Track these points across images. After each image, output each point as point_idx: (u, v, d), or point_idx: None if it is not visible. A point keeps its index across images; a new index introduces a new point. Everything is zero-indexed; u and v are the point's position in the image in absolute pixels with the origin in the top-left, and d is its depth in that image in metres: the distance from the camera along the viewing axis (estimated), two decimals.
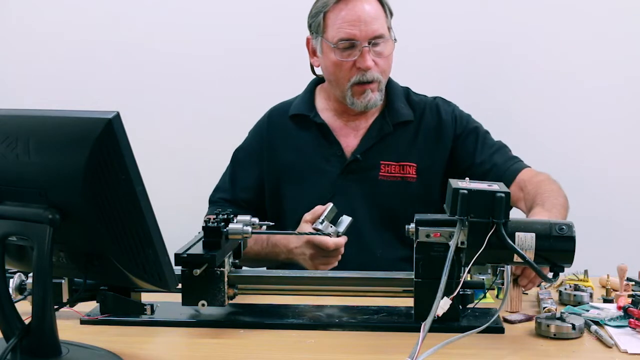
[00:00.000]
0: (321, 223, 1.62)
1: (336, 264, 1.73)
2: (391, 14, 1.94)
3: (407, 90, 2.05)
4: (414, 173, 1.94)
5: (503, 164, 1.93)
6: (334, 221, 1.61)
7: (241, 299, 1.49)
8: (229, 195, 2.03)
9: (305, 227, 1.70)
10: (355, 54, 1.87)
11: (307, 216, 1.73)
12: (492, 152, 1.95)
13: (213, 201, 2.04)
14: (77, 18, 2.71)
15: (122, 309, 1.43)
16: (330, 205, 1.65)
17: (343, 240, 1.69)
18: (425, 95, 2.06)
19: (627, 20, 2.55)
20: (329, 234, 1.60)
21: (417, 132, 1.98)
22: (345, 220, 1.60)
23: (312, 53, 1.99)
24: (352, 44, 1.86)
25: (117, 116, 1.07)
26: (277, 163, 2.00)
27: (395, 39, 1.91)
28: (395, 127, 1.97)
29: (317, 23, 1.91)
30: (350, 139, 1.98)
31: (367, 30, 1.85)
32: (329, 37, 1.89)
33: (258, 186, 2.02)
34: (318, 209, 1.71)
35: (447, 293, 1.22)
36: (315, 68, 2.03)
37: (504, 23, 2.59)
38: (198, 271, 1.37)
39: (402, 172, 1.94)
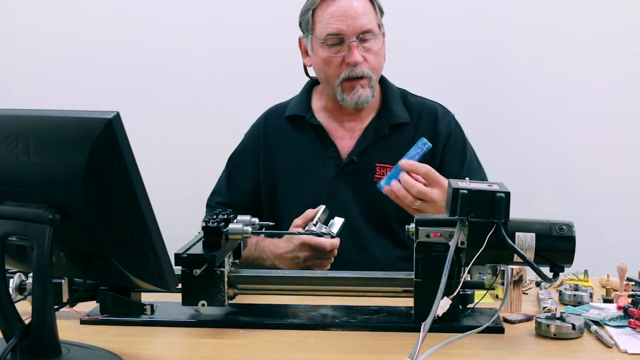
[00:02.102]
0: (314, 225, 1.62)
1: (329, 266, 1.72)
2: (381, 11, 1.94)
3: (404, 92, 2.04)
4: None
5: None
6: (327, 223, 1.62)
7: (241, 299, 1.49)
8: (226, 199, 2.03)
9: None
10: (343, 50, 1.87)
11: (298, 221, 1.73)
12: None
13: (210, 205, 2.04)
14: (77, 18, 2.71)
15: (122, 309, 1.43)
16: (322, 207, 1.66)
17: (338, 241, 1.69)
18: (424, 98, 2.04)
19: (627, 21, 2.55)
20: (324, 235, 1.60)
21: (414, 135, 1.95)
22: (338, 221, 1.60)
23: (305, 53, 1.99)
24: (340, 39, 1.87)
25: (117, 116, 1.08)
26: (273, 164, 2.00)
27: (383, 34, 1.91)
28: (391, 129, 1.96)
29: (306, 21, 1.93)
30: (345, 141, 1.97)
31: (354, 25, 1.86)
32: (318, 33, 1.89)
33: (254, 188, 2.01)
34: (309, 212, 1.71)
35: (447, 293, 1.22)
36: (308, 68, 2.03)
37: (503, 23, 2.59)
38: (198, 271, 1.37)
39: None
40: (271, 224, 1.59)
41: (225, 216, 1.48)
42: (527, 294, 1.59)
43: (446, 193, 1.59)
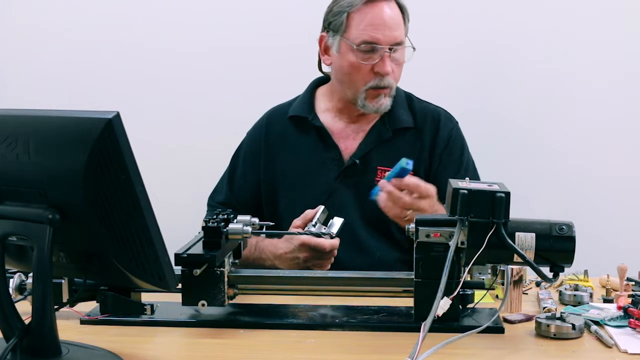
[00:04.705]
0: (314, 225, 1.62)
1: (329, 266, 1.72)
2: (409, 20, 1.93)
3: (409, 96, 2.03)
4: None
5: None
6: (326, 223, 1.62)
7: (241, 299, 1.49)
8: (226, 198, 2.02)
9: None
10: (375, 58, 1.85)
11: (297, 221, 1.73)
12: None
13: (211, 205, 2.04)
14: (77, 18, 2.71)
15: (122, 309, 1.43)
16: (321, 207, 1.66)
17: (337, 241, 1.69)
18: (429, 103, 2.04)
19: (627, 21, 2.55)
20: (324, 235, 1.60)
21: (416, 139, 1.96)
22: (337, 221, 1.60)
23: (324, 51, 1.97)
24: (373, 48, 1.85)
25: (117, 116, 1.08)
26: (274, 165, 1.99)
27: (414, 48, 1.91)
28: (394, 132, 1.95)
29: (339, 22, 1.89)
30: (349, 142, 1.97)
31: (390, 35, 1.85)
32: (352, 37, 1.87)
33: (255, 187, 2.01)
34: (308, 213, 1.71)
35: (447, 293, 1.22)
36: (324, 66, 2.02)
37: (502, 24, 2.59)
38: (198, 271, 1.37)
39: None
40: (271, 224, 1.59)
41: (225, 216, 1.48)
42: (527, 294, 1.59)
43: (433, 202, 1.65)
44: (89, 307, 1.46)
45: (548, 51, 2.58)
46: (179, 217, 2.18)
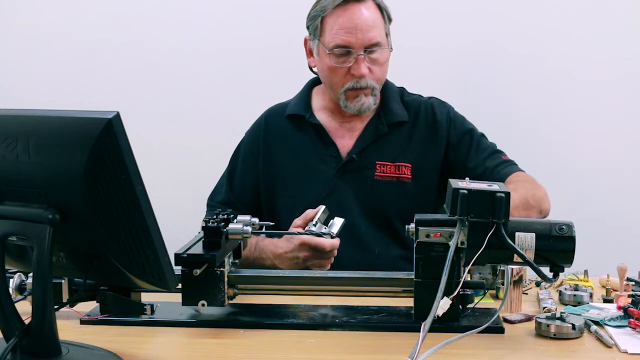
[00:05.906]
0: (314, 225, 1.62)
1: (329, 266, 1.73)
2: (390, 19, 1.94)
3: (401, 90, 2.05)
4: (409, 173, 1.94)
5: (494, 168, 1.92)
6: (327, 223, 1.62)
7: (241, 299, 1.49)
8: (226, 198, 2.03)
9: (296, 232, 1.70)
10: (350, 61, 1.87)
11: (298, 221, 1.73)
12: (485, 157, 1.95)
13: (210, 205, 2.04)
14: (78, 18, 2.71)
15: (122, 309, 1.43)
16: (322, 207, 1.66)
17: (338, 241, 1.69)
18: (420, 95, 2.06)
19: (629, 21, 2.55)
20: (324, 235, 1.60)
21: (412, 132, 1.98)
22: (338, 221, 1.60)
23: (309, 53, 1.99)
24: (347, 51, 1.87)
25: (117, 116, 1.08)
26: (273, 164, 2.00)
27: (391, 48, 1.92)
28: (390, 127, 1.97)
29: (314, 26, 1.92)
30: (345, 140, 1.98)
31: (363, 38, 1.85)
32: (325, 41, 1.89)
33: (255, 187, 2.02)
34: (309, 212, 1.71)
35: (447, 293, 1.22)
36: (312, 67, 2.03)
37: (503, 23, 2.59)
38: (198, 271, 1.37)
39: (397, 172, 1.94)
40: (271, 224, 1.59)
41: (225, 216, 1.48)
42: (527, 294, 1.59)
43: None
44: (89, 307, 1.46)
45: (547, 51, 2.58)
46: (179, 217, 2.18)
